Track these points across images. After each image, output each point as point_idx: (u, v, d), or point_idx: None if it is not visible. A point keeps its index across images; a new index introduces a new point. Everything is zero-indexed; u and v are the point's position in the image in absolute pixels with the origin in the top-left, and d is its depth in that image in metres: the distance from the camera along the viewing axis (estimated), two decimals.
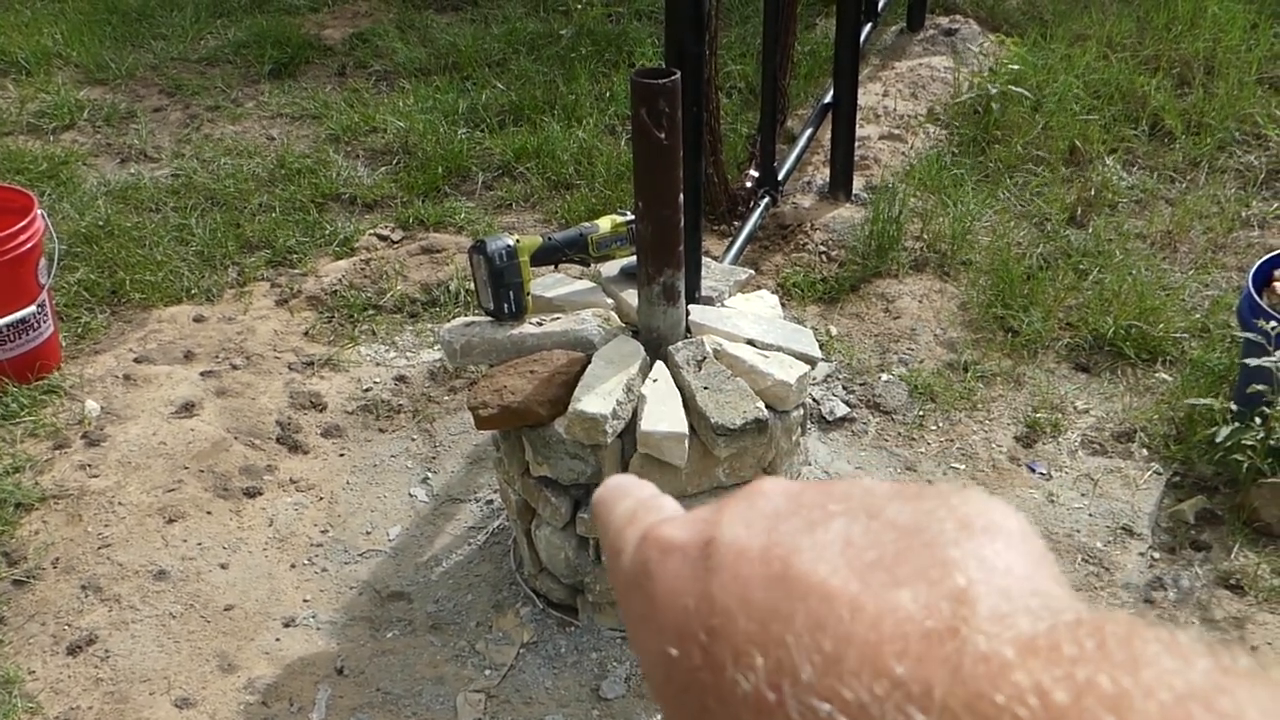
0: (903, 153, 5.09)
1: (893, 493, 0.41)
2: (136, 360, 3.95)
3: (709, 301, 3.03)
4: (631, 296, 2.87)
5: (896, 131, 5.24)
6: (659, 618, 0.41)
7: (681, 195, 2.59)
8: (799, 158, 4.76)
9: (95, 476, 3.44)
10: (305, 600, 3.16)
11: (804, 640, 0.35)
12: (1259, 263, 3.47)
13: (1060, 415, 3.69)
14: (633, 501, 0.49)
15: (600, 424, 2.58)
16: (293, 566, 3.26)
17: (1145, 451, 3.56)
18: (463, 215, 4.76)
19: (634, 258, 2.84)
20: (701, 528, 0.42)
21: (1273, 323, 3.09)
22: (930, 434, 3.66)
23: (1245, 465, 3.16)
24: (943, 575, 0.36)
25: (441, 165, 5.07)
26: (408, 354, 4.05)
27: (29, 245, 3.70)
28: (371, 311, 4.25)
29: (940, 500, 0.40)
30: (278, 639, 3.03)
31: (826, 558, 0.38)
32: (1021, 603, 0.35)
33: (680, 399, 2.69)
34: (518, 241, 2.83)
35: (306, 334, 4.15)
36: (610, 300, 2.99)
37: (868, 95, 5.38)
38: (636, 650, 0.43)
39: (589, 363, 2.76)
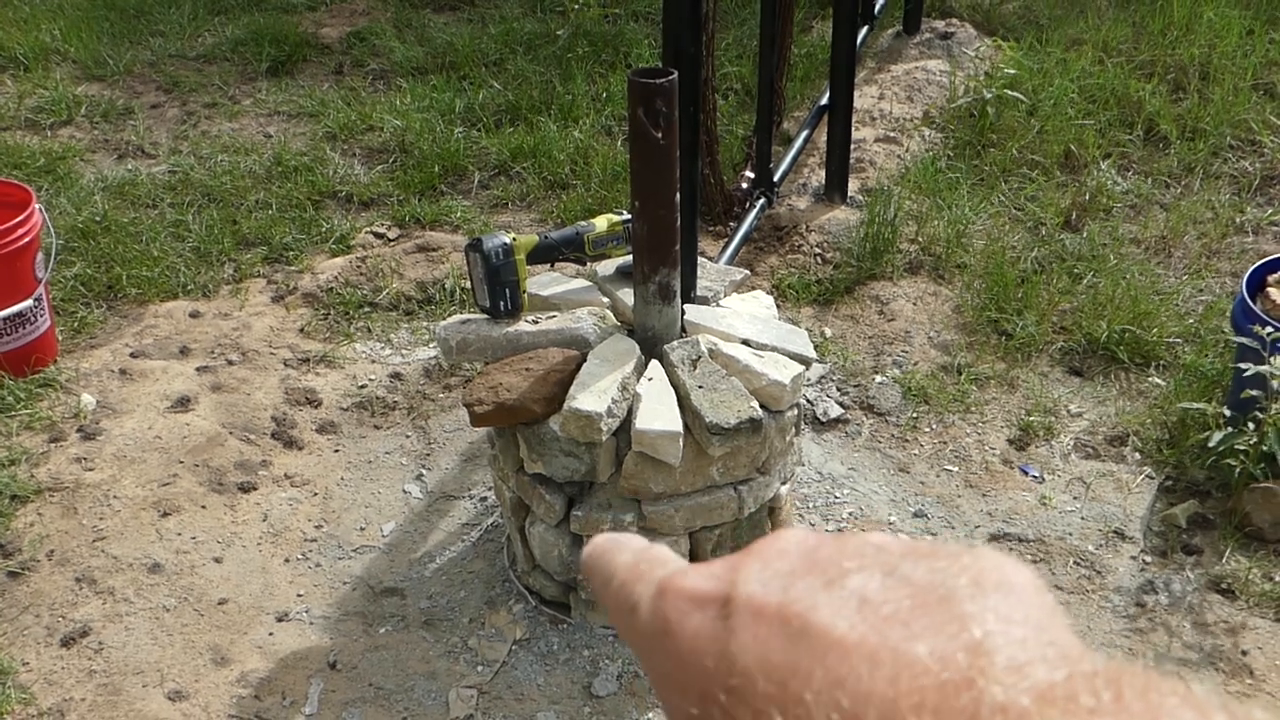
0: (898, 156, 5.11)
1: (906, 550, 0.41)
2: (132, 355, 3.95)
3: (704, 301, 3.04)
4: (627, 295, 2.88)
5: (892, 134, 5.25)
6: (681, 677, 0.41)
7: (678, 195, 2.60)
8: (795, 160, 4.77)
9: (90, 470, 3.44)
10: (299, 595, 3.16)
11: (822, 698, 0.36)
12: (1253, 268, 3.49)
13: (1053, 419, 3.70)
14: (630, 554, 0.49)
15: (595, 422, 2.59)
16: (286, 561, 3.27)
17: (1138, 455, 3.57)
18: (459, 214, 4.77)
19: (630, 257, 2.86)
20: (717, 584, 0.43)
21: (1268, 328, 3.10)
22: (924, 436, 3.67)
23: (1237, 470, 3.18)
24: (959, 629, 0.36)
25: (438, 164, 5.07)
26: (403, 351, 4.06)
27: (26, 239, 3.71)
28: (367, 309, 4.25)
29: (953, 558, 0.40)
30: (271, 633, 3.04)
31: (844, 614, 0.38)
32: (1038, 653, 0.35)
33: (675, 398, 2.70)
34: (514, 240, 2.84)
35: (302, 331, 4.15)
36: (606, 299, 3.00)
37: (864, 98, 5.39)
38: (662, 705, 0.43)
39: (584, 361, 2.77)
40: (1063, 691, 0.33)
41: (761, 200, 4.49)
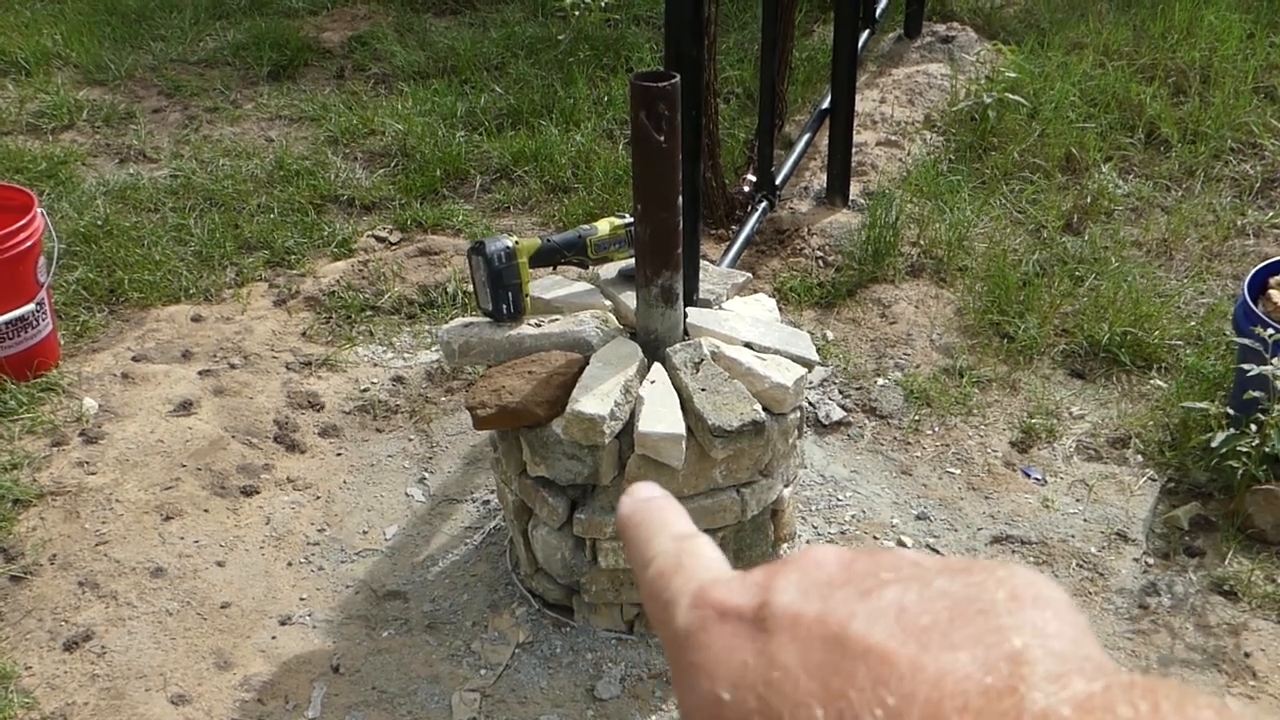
0: (900, 159, 5.11)
1: (941, 566, 0.42)
2: (134, 359, 3.95)
3: (706, 304, 3.05)
4: (630, 299, 2.89)
5: (894, 138, 5.26)
6: (713, 667, 0.41)
7: (680, 198, 2.60)
8: (796, 163, 4.78)
9: (93, 474, 3.45)
10: (302, 599, 3.16)
11: (866, 695, 0.36)
12: (1254, 270, 3.49)
13: (1055, 421, 3.70)
14: (672, 541, 0.49)
15: (598, 425, 2.59)
16: (289, 565, 3.27)
17: (1140, 457, 3.57)
18: (461, 217, 4.78)
19: (632, 260, 2.86)
20: (755, 592, 0.43)
21: (1269, 330, 3.10)
22: (926, 438, 3.67)
23: (1240, 471, 3.18)
24: (999, 639, 0.37)
25: (439, 168, 5.08)
26: (405, 355, 4.06)
27: (28, 244, 3.71)
28: (369, 312, 4.26)
29: (988, 573, 0.41)
30: (274, 637, 3.04)
31: (882, 623, 0.39)
32: (1075, 665, 0.36)
33: (678, 400, 2.70)
34: (516, 243, 2.84)
35: (304, 334, 4.15)
36: (608, 302, 3.00)
37: (865, 102, 5.40)
38: (680, 692, 0.43)
39: (587, 364, 2.77)
40: (1101, 701, 0.34)
41: (763, 203, 4.49)
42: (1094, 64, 5.58)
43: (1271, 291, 3.39)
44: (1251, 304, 3.33)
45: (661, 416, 2.65)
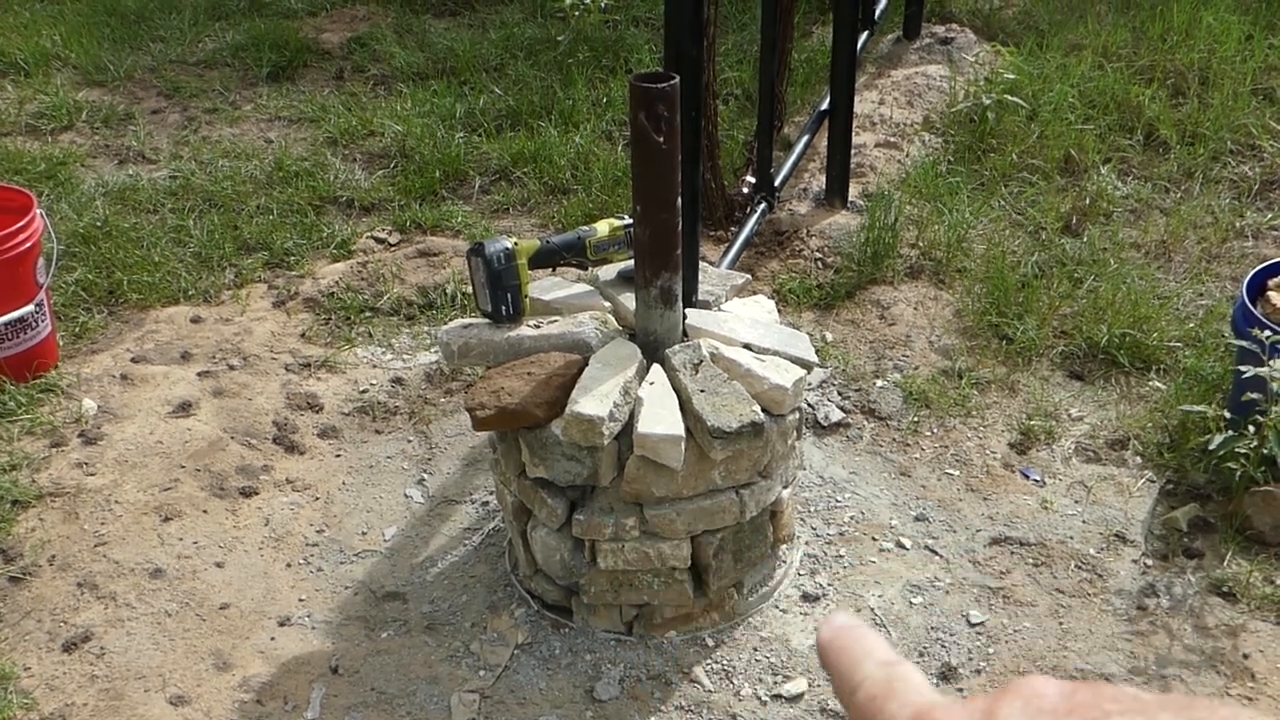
0: (899, 160, 5.11)
1: (1162, 700, 0.43)
2: (134, 360, 3.96)
3: (706, 305, 3.05)
4: (629, 300, 2.89)
5: (892, 139, 5.26)
6: None
7: (679, 199, 2.60)
8: (795, 164, 4.78)
9: (92, 475, 3.45)
10: (300, 600, 3.16)
11: None
12: (1253, 272, 3.49)
13: (1054, 422, 3.70)
14: (881, 668, 0.50)
15: (597, 426, 2.59)
16: (288, 566, 3.27)
17: (1139, 459, 3.57)
18: (460, 219, 4.78)
19: (631, 261, 2.86)
20: (979, 718, 0.44)
21: (1267, 331, 3.11)
22: (925, 440, 3.67)
23: (1238, 473, 3.18)
24: None
25: (439, 169, 5.08)
26: (404, 356, 4.06)
27: (28, 245, 3.71)
28: (368, 314, 4.26)
29: (1210, 711, 0.41)
30: (273, 638, 3.04)
31: None
32: None
33: (677, 401, 2.70)
34: (516, 244, 2.84)
35: (303, 336, 4.15)
36: (608, 303, 3.01)
37: (864, 103, 5.40)
38: None
39: (586, 365, 2.77)
40: None
41: (762, 205, 4.49)
42: (1093, 65, 5.58)
43: (1270, 293, 3.39)
44: (1250, 306, 3.34)
45: (660, 418, 2.65)
